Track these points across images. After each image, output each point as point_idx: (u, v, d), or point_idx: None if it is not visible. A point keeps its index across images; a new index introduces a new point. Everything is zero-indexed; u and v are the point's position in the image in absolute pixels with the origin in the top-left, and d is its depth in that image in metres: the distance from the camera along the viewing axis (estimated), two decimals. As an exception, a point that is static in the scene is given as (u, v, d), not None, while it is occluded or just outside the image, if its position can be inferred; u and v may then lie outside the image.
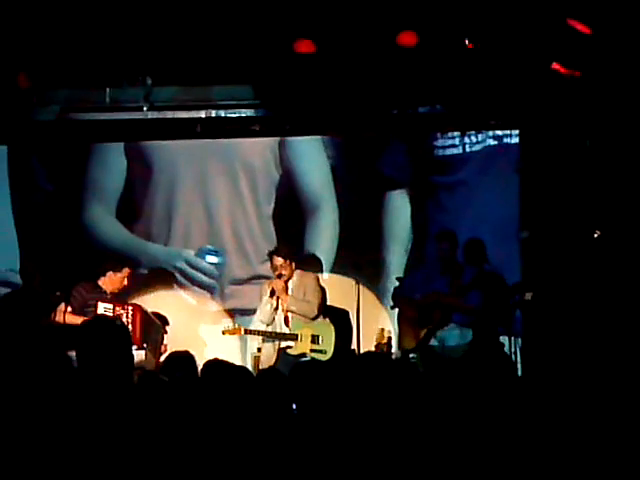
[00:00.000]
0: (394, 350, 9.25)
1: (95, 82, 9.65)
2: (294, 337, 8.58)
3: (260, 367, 8.44)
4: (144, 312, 8.61)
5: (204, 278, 10.14)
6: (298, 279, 8.74)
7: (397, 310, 8.64)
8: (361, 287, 8.96)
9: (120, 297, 8.81)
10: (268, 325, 8.63)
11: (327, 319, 8.73)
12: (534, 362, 8.22)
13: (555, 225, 9.27)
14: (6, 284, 9.82)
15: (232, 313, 10.07)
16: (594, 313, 8.44)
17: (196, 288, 10.16)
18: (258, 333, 8.78)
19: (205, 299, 10.18)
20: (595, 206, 9.06)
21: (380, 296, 9.80)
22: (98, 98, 9.77)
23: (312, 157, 10.23)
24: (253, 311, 9.85)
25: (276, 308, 8.62)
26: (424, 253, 9.68)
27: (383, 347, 9.23)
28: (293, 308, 8.62)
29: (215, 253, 10.11)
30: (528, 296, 8.75)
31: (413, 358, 8.22)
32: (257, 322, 8.84)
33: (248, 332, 8.89)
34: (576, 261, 8.80)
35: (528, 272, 9.45)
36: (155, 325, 8.72)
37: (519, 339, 8.75)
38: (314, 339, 8.55)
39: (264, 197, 10.20)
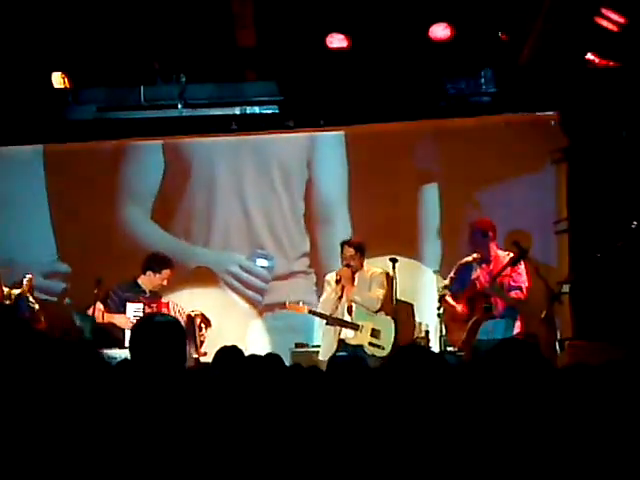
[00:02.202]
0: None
1: (130, 81, 9.73)
2: (355, 327, 8.59)
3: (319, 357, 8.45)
4: (173, 309, 8.60)
5: (258, 282, 10.25)
6: (366, 271, 8.74)
7: (442, 308, 8.55)
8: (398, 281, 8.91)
9: (157, 295, 8.81)
10: (331, 313, 8.63)
11: (389, 315, 8.70)
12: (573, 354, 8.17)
13: (593, 216, 9.24)
14: (55, 274, 10.19)
15: (271, 307, 10.16)
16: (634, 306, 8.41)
17: (250, 292, 10.26)
18: (322, 316, 8.78)
19: (257, 302, 10.30)
20: (632, 197, 9.01)
21: (416, 288, 9.82)
22: (133, 97, 9.85)
23: (333, 165, 10.26)
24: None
25: (340, 297, 8.61)
26: (458, 246, 9.64)
27: (421, 341, 9.24)
28: (357, 299, 8.61)
29: (265, 257, 10.23)
30: (565, 288, 8.71)
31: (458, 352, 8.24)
32: (320, 308, 8.84)
33: (311, 312, 8.89)
34: (614, 252, 8.74)
35: (565, 263, 9.46)
36: (190, 322, 8.71)
37: (557, 331, 8.72)
38: (374, 333, 8.55)
39: (298, 194, 10.27)
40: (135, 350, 3.88)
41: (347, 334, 8.59)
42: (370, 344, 8.50)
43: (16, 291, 8.89)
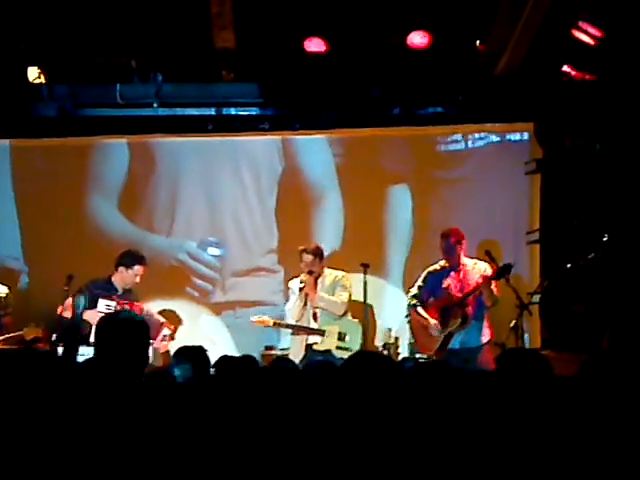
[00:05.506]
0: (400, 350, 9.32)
1: (106, 78, 9.68)
2: (321, 333, 8.60)
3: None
4: (144, 311, 8.55)
5: (205, 270, 10.15)
6: (328, 275, 8.75)
7: (409, 317, 8.60)
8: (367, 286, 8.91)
9: (131, 293, 8.75)
10: (297, 320, 8.65)
11: (355, 317, 8.73)
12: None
13: (565, 228, 9.30)
14: (5, 270, 10.04)
15: (233, 305, 10.09)
16: (606, 316, 8.46)
17: (198, 280, 10.18)
18: (287, 326, 8.81)
19: (207, 291, 10.20)
20: (604, 209, 9.07)
21: (383, 293, 9.83)
22: (110, 94, 9.80)
23: (316, 150, 10.25)
24: (254, 303, 9.89)
25: (305, 304, 8.63)
26: (425, 252, 9.66)
27: (390, 347, 9.25)
28: (321, 304, 8.62)
29: (216, 245, 10.12)
30: (535, 298, 8.76)
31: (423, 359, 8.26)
32: (288, 316, 8.85)
33: (276, 325, 8.91)
34: (585, 264, 8.80)
35: (536, 274, 9.52)
36: (155, 324, 8.64)
37: (526, 336, 8.75)
38: (340, 336, 8.54)
39: (267, 190, 10.20)
40: (99, 346, 3.85)
41: (315, 340, 8.60)
42: (337, 348, 8.50)
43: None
